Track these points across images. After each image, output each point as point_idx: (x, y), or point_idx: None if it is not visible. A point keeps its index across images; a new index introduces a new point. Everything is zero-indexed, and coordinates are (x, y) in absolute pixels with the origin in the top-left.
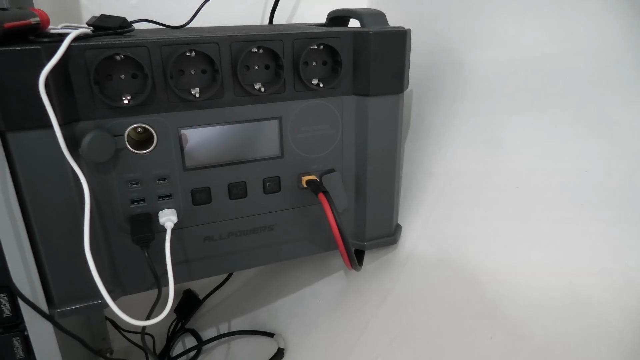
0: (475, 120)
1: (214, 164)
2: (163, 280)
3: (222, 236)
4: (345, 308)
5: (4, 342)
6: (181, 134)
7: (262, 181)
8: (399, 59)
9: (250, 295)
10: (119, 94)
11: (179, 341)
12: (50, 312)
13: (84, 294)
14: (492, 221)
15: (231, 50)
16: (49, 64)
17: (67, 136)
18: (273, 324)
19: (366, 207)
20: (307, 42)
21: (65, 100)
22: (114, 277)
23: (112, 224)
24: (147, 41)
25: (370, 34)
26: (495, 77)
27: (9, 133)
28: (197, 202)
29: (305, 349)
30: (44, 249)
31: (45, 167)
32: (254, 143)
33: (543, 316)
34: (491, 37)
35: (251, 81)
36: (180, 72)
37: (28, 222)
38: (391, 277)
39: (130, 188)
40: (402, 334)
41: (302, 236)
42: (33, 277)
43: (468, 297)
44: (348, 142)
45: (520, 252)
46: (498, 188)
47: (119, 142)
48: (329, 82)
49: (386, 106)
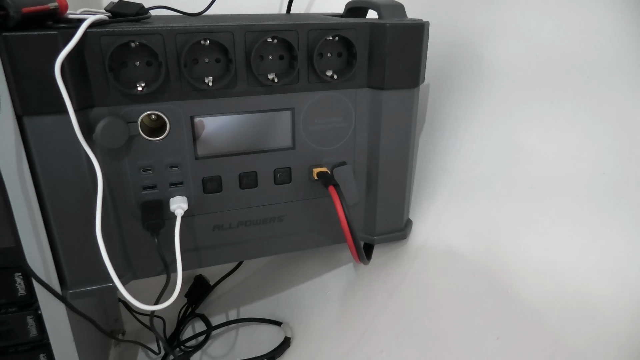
0: (492, 116)
1: (226, 153)
2: (172, 266)
3: (232, 225)
4: (353, 301)
5: (18, 320)
6: (196, 120)
7: (273, 172)
8: (416, 52)
9: (260, 284)
10: (133, 81)
11: (189, 325)
12: (62, 292)
13: (96, 276)
14: (505, 220)
15: (245, 40)
16: (65, 50)
17: (82, 122)
18: (281, 313)
19: (377, 201)
20: (323, 33)
21: (80, 86)
22: (125, 261)
23: (124, 210)
24: (162, 29)
25: (387, 26)
26: (514, 72)
27: (25, 117)
28: (207, 191)
29: (312, 339)
30: (57, 231)
31: (60, 151)
32: (266, 133)
33: (551, 319)
34: (511, 31)
35: (265, 71)
36: (194, 60)
37: (43, 205)
38: (400, 272)
39: (142, 174)
40: (408, 329)
41: (311, 228)
42: (47, 258)
43: (476, 295)
44: (361, 135)
45: (532, 253)
46: (512, 186)
47: (132, 129)
48: (343, 74)
49: (401, 100)
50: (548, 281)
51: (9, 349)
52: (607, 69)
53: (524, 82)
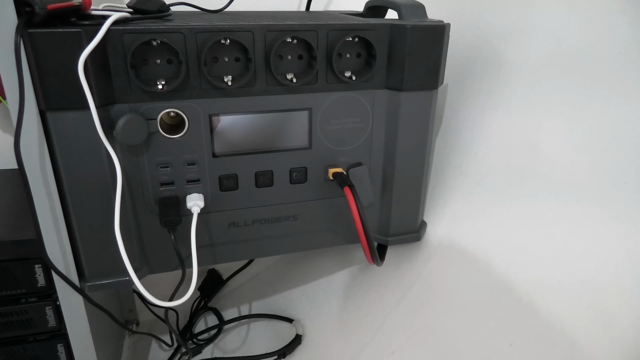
0: (510, 119)
1: (243, 152)
2: (188, 262)
3: (247, 223)
4: (365, 301)
5: (37, 310)
6: (214, 118)
7: (289, 171)
8: (436, 54)
9: (272, 280)
10: (154, 79)
11: (202, 318)
12: (80, 285)
13: (113, 270)
14: (521, 225)
15: (265, 40)
16: (88, 48)
17: (103, 118)
18: (293, 310)
19: (392, 203)
20: (342, 34)
21: (102, 83)
22: (142, 255)
23: (142, 205)
24: (183, 27)
25: (407, 28)
26: (534, 74)
27: (48, 112)
28: (224, 189)
29: (323, 337)
30: (77, 225)
31: (81, 147)
32: (283, 133)
33: (567, 327)
34: (533, 32)
35: (283, 71)
36: (214, 59)
37: (63, 198)
38: (413, 273)
39: (160, 171)
40: (420, 332)
41: (325, 227)
42: (66, 251)
43: (491, 300)
44: (377, 136)
45: (547, 261)
46: (530, 191)
47: (152, 126)
48: (361, 75)
49: (419, 102)
50: (565, 288)
51: (29, 338)
52: (631, 72)
53: (544, 85)
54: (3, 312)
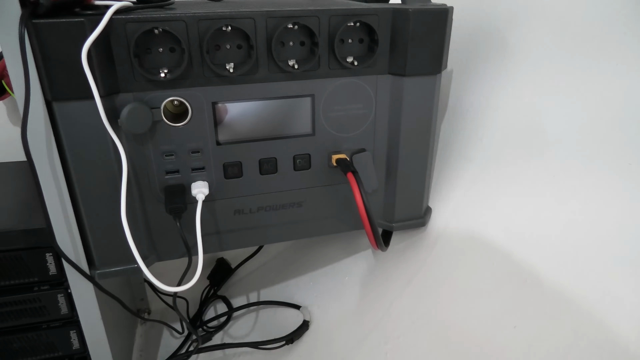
0: (516, 103)
1: (246, 139)
2: (194, 249)
3: (252, 210)
4: (371, 286)
5: (50, 297)
6: (219, 105)
7: (293, 158)
8: (439, 38)
9: (280, 268)
10: (157, 67)
11: (211, 306)
12: (90, 272)
13: (122, 257)
14: (526, 209)
15: (267, 26)
16: (91, 37)
17: (108, 107)
18: (300, 296)
19: (396, 189)
20: (344, 19)
21: (106, 73)
22: (150, 243)
23: (148, 193)
24: (185, 15)
25: (410, 12)
26: (540, 58)
27: (55, 102)
28: (228, 176)
29: (330, 323)
30: (85, 214)
31: (86, 136)
32: (286, 120)
33: (571, 309)
34: (539, 15)
35: (285, 57)
36: (216, 47)
37: (71, 188)
38: (418, 258)
39: (165, 159)
40: (425, 316)
41: (330, 214)
42: (75, 239)
43: (495, 283)
44: (381, 122)
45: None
46: (535, 175)
47: (156, 115)
48: (364, 60)
49: (422, 87)
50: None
51: (42, 325)
52: (637, 54)
53: (550, 68)
54: (17, 300)
